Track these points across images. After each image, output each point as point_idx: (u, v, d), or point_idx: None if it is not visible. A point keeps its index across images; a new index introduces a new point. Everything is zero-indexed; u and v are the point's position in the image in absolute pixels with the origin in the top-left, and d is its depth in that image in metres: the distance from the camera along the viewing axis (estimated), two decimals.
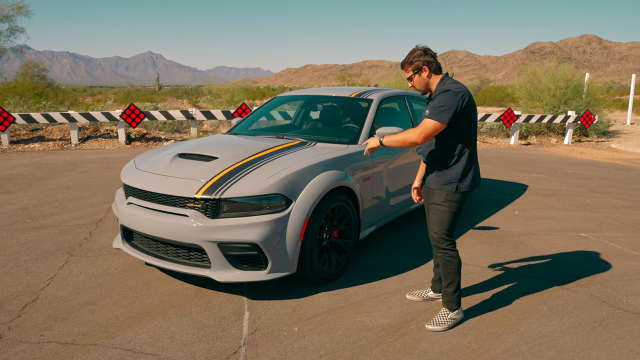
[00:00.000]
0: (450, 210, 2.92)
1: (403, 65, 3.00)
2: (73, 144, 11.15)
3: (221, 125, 14.69)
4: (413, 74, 2.93)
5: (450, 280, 2.99)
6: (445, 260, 2.98)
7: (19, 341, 2.74)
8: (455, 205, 2.92)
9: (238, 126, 4.99)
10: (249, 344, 2.74)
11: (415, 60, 2.92)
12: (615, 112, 24.30)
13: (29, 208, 5.58)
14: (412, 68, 2.93)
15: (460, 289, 3.02)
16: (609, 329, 2.97)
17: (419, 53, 2.92)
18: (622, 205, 6.26)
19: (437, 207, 2.96)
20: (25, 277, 3.63)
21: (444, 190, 2.91)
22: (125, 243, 3.63)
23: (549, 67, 15.37)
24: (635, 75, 20.49)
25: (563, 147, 12.77)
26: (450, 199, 2.91)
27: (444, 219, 2.94)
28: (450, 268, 2.97)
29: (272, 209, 3.16)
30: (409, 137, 2.82)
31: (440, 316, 3.01)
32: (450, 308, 3.01)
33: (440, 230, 2.95)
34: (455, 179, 2.89)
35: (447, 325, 2.97)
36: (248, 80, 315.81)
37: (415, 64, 2.92)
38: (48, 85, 21.04)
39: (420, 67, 2.91)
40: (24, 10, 15.61)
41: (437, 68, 2.93)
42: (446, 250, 2.96)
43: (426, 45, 2.98)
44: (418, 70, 2.92)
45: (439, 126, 2.77)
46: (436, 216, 2.97)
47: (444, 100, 2.77)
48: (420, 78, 2.93)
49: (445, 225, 2.94)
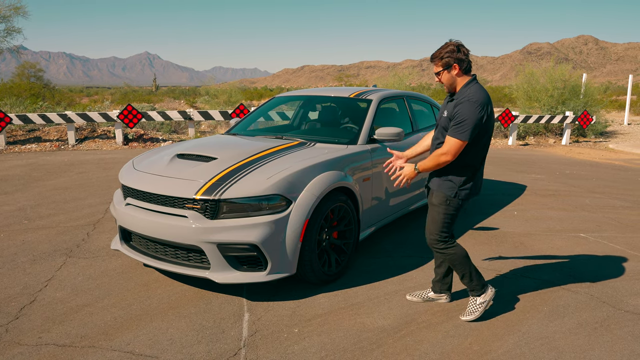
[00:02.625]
0: (446, 213, 2.91)
1: (433, 58, 2.85)
2: (70, 144, 11.11)
3: (219, 126, 14.66)
4: (442, 70, 2.81)
5: (462, 273, 3.00)
6: (446, 259, 2.99)
7: (17, 343, 2.71)
8: (452, 208, 2.90)
9: (237, 126, 4.97)
10: (249, 346, 2.72)
11: (447, 56, 2.77)
12: (612, 113, 24.37)
13: (26, 209, 5.55)
14: (442, 64, 2.80)
15: (477, 275, 3.02)
16: (610, 330, 2.96)
17: (452, 49, 2.77)
18: (621, 205, 6.27)
19: (433, 207, 2.95)
20: (22, 279, 3.60)
21: (443, 193, 2.89)
22: (123, 244, 3.61)
23: (546, 68, 15.40)
24: (632, 76, 20.55)
25: (561, 148, 12.79)
26: (447, 203, 2.89)
27: (439, 220, 2.93)
28: (455, 263, 2.98)
29: (271, 209, 3.14)
30: (441, 159, 2.77)
31: (471, 305, 3.05)
32: (476, 294, 3.04)
33: (434, 231, 2.95)
34: (456, 185, 2.87)
35: (479, 312, 3.01)
36: (245, 80, 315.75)
37: (446, 60, 2.78)
38: (45, 85, 20.98)
39: (451, 65, 2.78)
40: (21, 11, 15.55)
41: (467, 68, 2.81)
42: (442, 250, 2.97)
43: (460, 41, 2.81)
44: (448, 67, 2.79)
45: (462, 144, 2.72)
46: (431, 216, 2.97)
47: (466, 114, 2.69)
48: (449, 75, 2.81)
49: (438, 226, 2.93)
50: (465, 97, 2.75)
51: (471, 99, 2.72)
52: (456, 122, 2.72)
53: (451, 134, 2.74)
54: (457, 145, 2.72)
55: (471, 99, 2.72)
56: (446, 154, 2.75)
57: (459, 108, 2.73)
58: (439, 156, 2.78)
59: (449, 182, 2.88)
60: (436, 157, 2.80)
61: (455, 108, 2.77)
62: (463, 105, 2.72)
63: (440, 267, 3.23)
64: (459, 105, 2.74)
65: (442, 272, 3.23)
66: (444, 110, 2.93)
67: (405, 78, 19.32)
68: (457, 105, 2.76)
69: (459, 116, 2.72)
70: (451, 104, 2.86)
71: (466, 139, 2.70)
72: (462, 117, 2.70)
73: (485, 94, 2.78)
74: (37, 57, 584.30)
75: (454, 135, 2.73)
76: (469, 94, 2.75)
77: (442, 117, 2.93)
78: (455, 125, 2.72)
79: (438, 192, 2.93)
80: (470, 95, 2.74)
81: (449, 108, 2.87)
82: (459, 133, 2.70)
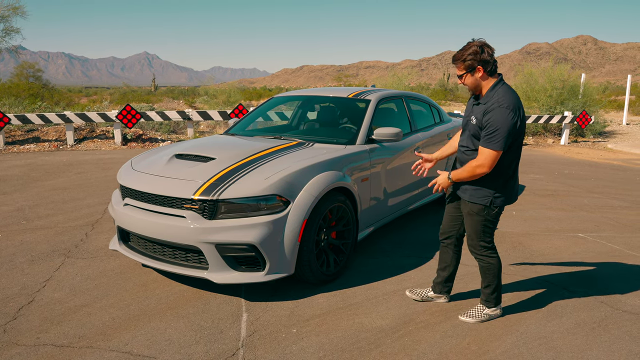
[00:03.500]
0: (484, 222, 2.84)
1: (455, 60, 2.68)
2: (69, 144, 11.10)
3: (218, 126, 14.65)
4: (465, 72, 2.65)
5: (487, 282, 2.98)
6: (482, 266, 2.97)
7: (15, 344, 2.71)
8: (489, 217, 2.83)
9: (235, 127, 4.97)
10: (247, 346, 2.72)
11: (470, 59, 2.60)
12: (611, 113, 24.42)
13: (24, 209, 5.54)
14: (464, 67, 2.63)
15: (499, 291, 3.02)
16: (608, 330, 2.97)
17: (475, 50, 2.59)
18: (619, 205, 6.28)
19: (469, 217, 2.87)
20: (20, 279, 3.59)
21: (478, 205, 2.80)
22: (121, 244, 3.61)
23: (545, 68, 15.42)
24: (630, 76, 20.58)
25: (559, 148, 12.81)
26: (484, 213, 2.81)
27: (479, 229, 2.86)
28: (487, 272, 2.96)
29: (269, 209, 3.14)
30: (476, 171, 2.65)
31: (476, 310, 3.05)
32: (487, 306, 3.03)
33: (476, 239, 2.90)
34: (491, 194, 2.76)
35: (480, 320, 3.00)
36: (244, 80, 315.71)
37: (469, 63, 2.61)
38: (43, 85, 20.96)
39: (475, 67, 2.62)
40: (20, 11, 15.55)
41: (492, 69, 2.64)
42: (482, 256, 2.94)
43: (484, 40, 2.65)
44: (471, 70, 2.62)
45: (498, 154, 2.59)
46: (471, 227, 2.89)
47: (499, 122, 2.53)
48: (473, 78, 2.65)
49: (479, 235, 2.87)
50: (494, 102, 2.59)
51: (502, 104, 2.55)
52: (488, 132, 2.57)
53: (485, 145, 2.60)
54: (493, 156, 2.59)
55: (502, 105, 2.55)
56: (482, 165, 2.62)
57: (490, 116, 2.57)
58: (475, 168, 2.65)
59: (482, 191, 2.77)
60: (471, 168, 2.67)
61: (485, 116, 2.61)
62: (494, 112, 2.56)
63: (444, 270, 3.20)
64: (490, 112, 2.58)
65: (446, 275, 3.20)
66: (470, 114, 2.77)
67: (404, 78, 19.34)
68: (487, 113, 2.60)
69: (490, 125, 2.56)
70: (478, 108, 2.71)
71: (501, 148, 2.56)
72: (495, 126, 2.54)
73: (515, 96, 2.63)
74: (36, 57, 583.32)
75: (488, 146, 2.58)
76: (499, 99, 2.58)
77: (469, 123, 2.77)
78: (489, 136, 2.57)
79: (471, 203, 2.82)
80: (500, 101, 2.57)
81: (476, 113, 2.70)
82: (494, 143, 2.56)
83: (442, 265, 3.21)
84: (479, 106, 2.72)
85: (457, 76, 2.71)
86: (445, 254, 3.19)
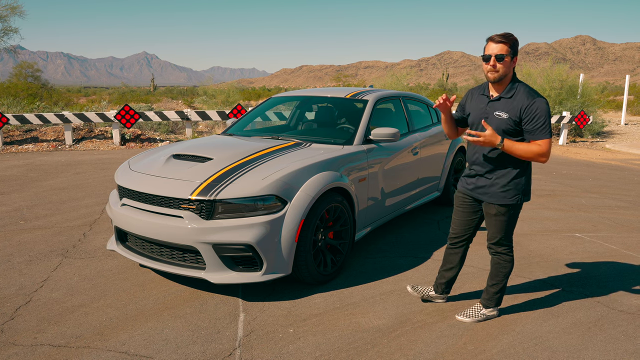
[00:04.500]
0: (510, 221, 2.86)
1: (503, 38, 2.62)
2: (67, 145, 11.10)
3: (216, 126, 14.65)
4: (508, 55, 2.62)
5: (496, 281, 2.99)
6: (497, 262, 2.97)
7: (12, 344, 2.71)
8: (516, 215, 2.87)
9: (233, 127, 4.98)
10: (244, 346, 2.73)
11: (516, 45, 2.65)
12: (609, 113, 24.44)
13: (22, 210, 5.54)
14: (510, 47, 2.62)
15: (503, 292, 3.02)
16: (604, 329, 2.98)
17: (517, 41, 2.65)
18: (617, 205, 6.29)
19: (498, 217, 2.86)
20: (18, 279, 3.60)
21: (506, 206, 2.81)
22: (119, 245, 3.61)
23: (543, 68, 15.45)
24: (629, 76, 20.61)
25: (558, 148, 12.82)
26: (512, 212, 2.83)
27: (506, 228, 2.87)
28: (499, 270, 2.96)
29: (267, 210, 3.15)
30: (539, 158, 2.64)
31: (473, 309, 3.06)
32: (486, 305, 3.04)
33: (502, 239, 2.90)
34: (519, 191, 2.80)
35: (476, 319, 3.01)
36: (243, 80, 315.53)
37: (514, 49, 2.64)
38: (42, 85, 20.93)
39: (516, 54, 2.66)
40: (18, 11, 15.53)
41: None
42: (501, 254, 2.94)
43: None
44: (513, 55, 2.65)
45: (551, 141, 2.66)
46: (495, 227, 2.88)
47: (544, 111, 2.62)
48: (510, 65, 2.66)
49: (505, 234, 2.89)
50: (527, 95, 2.65)
51: (539, 96, 2.65)
52: (540, 123, 2.62)
53: (541, 136, 2.63)
54: (549, 144, 2.64)
55: (539, 96, 2.64)
56: (544, 155, 2.64)
57: (536, 107, 2.62)
58: (537, 155, 2.63)
59: (512, 192, 2.79)
60: (533, 154, 2.63)
61: (528, 109, 2.63)
62: (537, 103, 2.62)
63: (450, 272, 3.18)
64: (533, 104, 2.62)
65: (451, 276, 3.18)
66: (490, 110, 2.74)
67: (403, 78, 19.36)
68: (529, 106, 2.63)
69: (539, 116, 2.62)
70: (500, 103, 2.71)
71: (551, 135, 2.66)
72: (544, 115, 2.62)
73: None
74: (35, 57, 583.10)
75: (545, 136, 2.63)
76: (529, 91, 2.67)
77: (495, 118, 2.71)
78: (542, 126, 2.62)
79: (499, 205, 2.82)
80: (533, 93, 2.66)
81: (504, 108, 2.69)
82: (548, 132, 2.63)
83: (448, 266, 3.17)
84: (501, 101, 2.71)
85: (495, 56, 2.62)
86: (452, 255, 3.16)
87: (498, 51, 2.61)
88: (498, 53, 2.61)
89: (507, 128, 2.70)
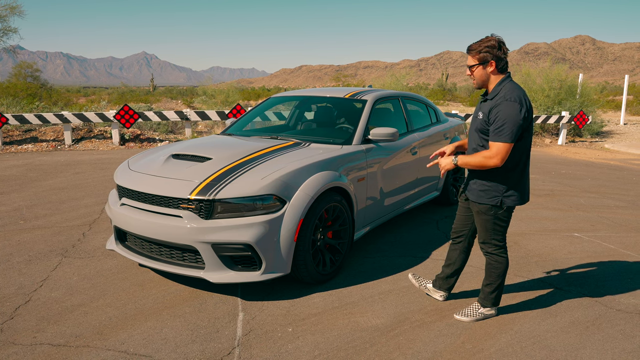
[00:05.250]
0: (495, 219, 2.82)
1: (470, 50, 2.69)
2: (66, 144, 11.10)
3: (216, 126, 14.66)
4: (477, 64, 2.67)
5: (490, 281, 2.99)
6: (489, 262, 2.97)
7: (12, 343, 2.72)
8: (500, 217, 2.82)
9: (232, 127, 4.98)
10: (243, 345, 2.74)
11: (486, 51, 2.63)
12: (608, 113, 24.47)
13: (22, 209, 5.55)
14: (478, 58, 2.65)
15: (499, 292, 3.02)
16: (602, 328, 2.99)
17: (493, 44, 2.63)
18: (615, 205, 6.30)
19: (480, 216, 2.86)
20: (17, 279, 3.60)
21: (486, 205, 2.80)
22: (118, 244, 3.62)
23: (543, 68, 15.46)
24: (628, 76, 20.63)
25: (557, 148, 12.84)
26: (493, 213, 2.80)
27: (489, 228, 2.86)
28: (491, 271, 2.97)
29: (266, 209, 3.15)
30: (488, 163, 2.64)
31: (471, 309, 3.07)
32: (483, 305, 3.05)
33: (486, 238, 2.90)
34: (500, 193, 2.76)
35: (474, 318, 3.02)
36: (243, 80, 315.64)
37: (484, 55, 2.64)
38: (41, 85, 20.93)
39: (488, 61, 2.65)
40: (17, 11, 15.53)
41: (503, 67, 2.69)
42: (491, 254, 2.94)
43: (502, 38, 2.68)
44: (484, 63, 2.65)
45: (509, 146, 2.60)
46: (481, 225, 2.89)
47: (506, 114, 2.57)
48: (484, 72, 2.68)
49: (490, 233, 2.87)
50: (501, 97, 2.64)
51: (509, 98, 2.60)
52: (497, 125, 2.60)
53: (495, 139, 2.62)
54: (504, 149, 2.60)
55: (509, 99, 2.60)
56: (494, 157, 2.62)
57: (498, 110, 2.61)
58: (486, 159, 2.64)
59: (490, 192, 2.77)
60: (482, 158, 2.66)
61: (492, 110, 2.64)
62: (501, 106, 2.60)
63: (448, 267, 3.20)
64: (497, 107, 2.62)
65: (449, 272, 3.20)
66: (478, 111, 2.80)
67: (402, 78, 19.36)
68: (494, 107, 2.64)
69: (499, 119, 2.60)
70: (485, 104, 2.73)
71: (511, 140, 2.59)
72: (503, 119, 2.58)
73: (521, 90, 2.67)
74: (34, 57, 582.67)
75: (498, 139, 2.61)
76: (505, 93, 2.63)
77: (476, 119, 2.80)
78: (498, 129, 2.60)
79: (479, 204, 2.82)
80: (507, 95, 2.62)
81: (484, 109, 2.73)
82: (503, 135, 2.58)
83: (447, 262, 3.21)
84: (486, 102, 2.75)
85: (468, 66, 2.74)
86: (453, 251, 3.19)
87: (469, 62, 2.73)
88: (469, 64, 2.73)
89: (481, 128, 2.76)
